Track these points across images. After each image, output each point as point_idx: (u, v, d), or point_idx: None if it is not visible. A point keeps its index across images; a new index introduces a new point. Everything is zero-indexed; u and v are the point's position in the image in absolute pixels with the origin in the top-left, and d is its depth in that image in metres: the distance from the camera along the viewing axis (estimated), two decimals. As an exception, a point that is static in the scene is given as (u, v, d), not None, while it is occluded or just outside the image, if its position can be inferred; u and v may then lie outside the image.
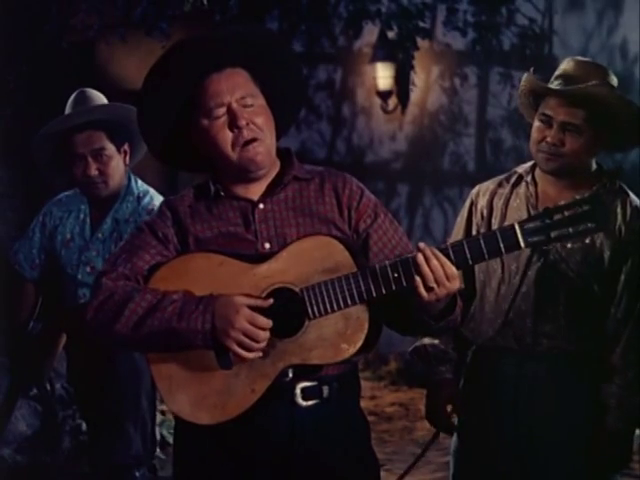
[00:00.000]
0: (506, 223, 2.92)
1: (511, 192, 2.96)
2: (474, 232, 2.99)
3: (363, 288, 2.21)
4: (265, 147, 2.33)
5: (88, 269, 3.52)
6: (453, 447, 3.06)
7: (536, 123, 2.88)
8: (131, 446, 3.51)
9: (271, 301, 2.22)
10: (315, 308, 2.21)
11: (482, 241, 2.19)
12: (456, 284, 2.19)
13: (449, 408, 2.98)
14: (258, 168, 2.33)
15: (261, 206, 2.35)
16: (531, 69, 2.91)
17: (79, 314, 3.41)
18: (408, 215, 8.26)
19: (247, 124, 2.31)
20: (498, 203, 2.96)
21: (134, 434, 3.51)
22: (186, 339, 2.21)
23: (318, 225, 2.33)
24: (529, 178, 2.94)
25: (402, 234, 2.41)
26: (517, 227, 2.18)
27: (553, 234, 2.17)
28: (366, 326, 2.23)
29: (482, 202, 2.99)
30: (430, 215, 8.16)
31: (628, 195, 2.90)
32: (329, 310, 2.21)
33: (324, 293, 2.21)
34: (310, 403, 2.28)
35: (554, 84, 2.88)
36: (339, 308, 2.21)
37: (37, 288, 3.74)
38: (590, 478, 2.88)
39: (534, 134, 2.88)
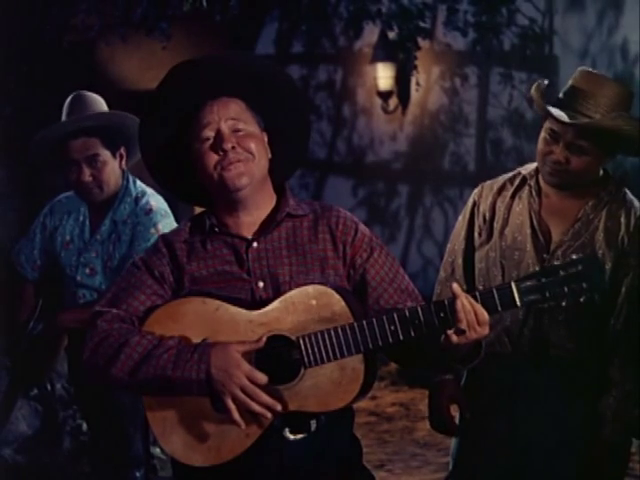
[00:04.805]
0: (507, 228, 2.91)
1: (514, 196, 2.93)
2: (476, 234, 2.98)
3: (360, 340, 2.20)
4: (248, 169, 2.30)
5: (87, 270, 3.52)
6: (453, 450, 3.05)
7: (543, 134, 2.84)
8: (131, 446, 3.51)
9: (264, 341, 2.21)
10: (311, 357, 2.21)
11: (479, 298, 2.18)
12: (486, 330, 2.18)
13: (452, 409, 2.97)
14: (236, 188, 2.29)
15: (255, 245, 2.33)
16: (543, 83, 2.84)
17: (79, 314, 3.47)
18: (408, 215, 8.25)
19: (233, 147, 2.29)
20: (501, 207, 2.94)
21: (134, 434, 3.51)
22: (181, 387, 2.21)
23: (310, 264, 2.32)
24: (533, 182, 2.91)
25: (398, 266, 2.41)
26: (514, 286, 2.18)
27: (548, 293, 2.18)
28: (362, 377, 2.23)
29: (485, 204, 2.97)
30: (430, 215, 8.15)
31: (633, 204, 2.87)
32: (325, 360, 2.21)
33: (320, 342, 2.20)
34: (298, 437, 2.27)
35: (563, 98, 2.83)
36: (335, 358, 2.21)
37: (38, 289, 3.74)
38: None
39: (540, 145, 2.84)
